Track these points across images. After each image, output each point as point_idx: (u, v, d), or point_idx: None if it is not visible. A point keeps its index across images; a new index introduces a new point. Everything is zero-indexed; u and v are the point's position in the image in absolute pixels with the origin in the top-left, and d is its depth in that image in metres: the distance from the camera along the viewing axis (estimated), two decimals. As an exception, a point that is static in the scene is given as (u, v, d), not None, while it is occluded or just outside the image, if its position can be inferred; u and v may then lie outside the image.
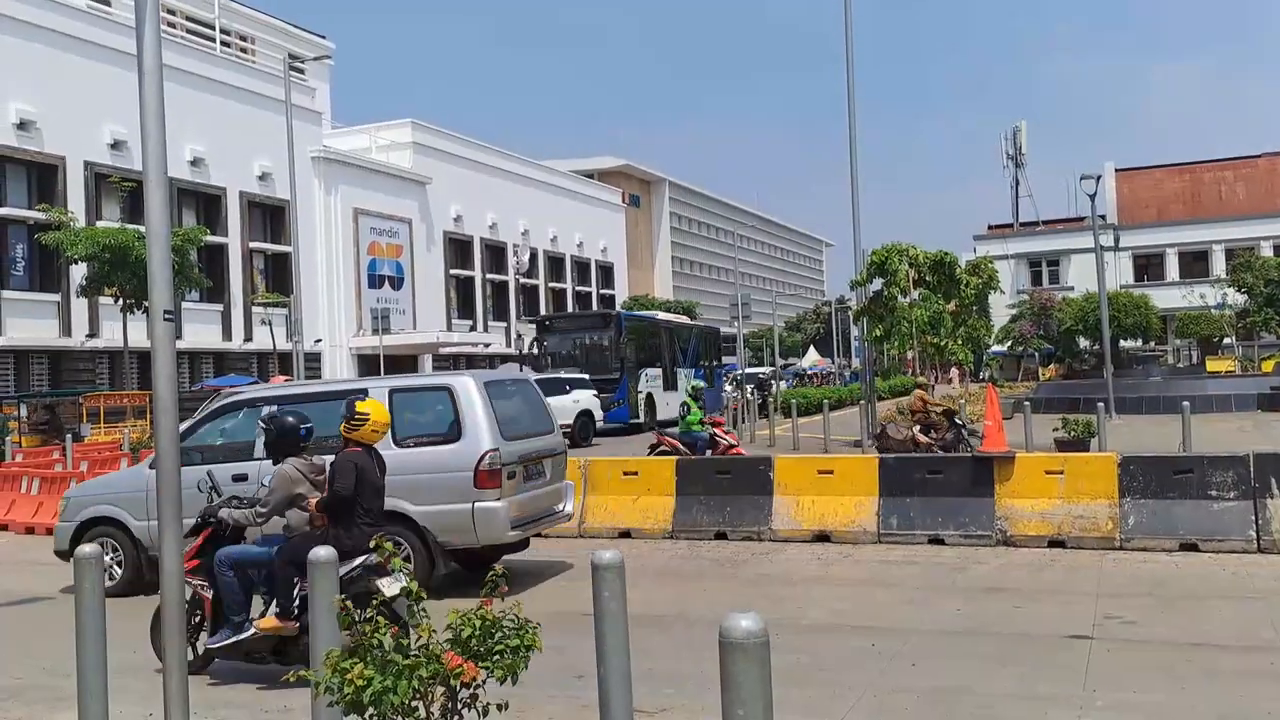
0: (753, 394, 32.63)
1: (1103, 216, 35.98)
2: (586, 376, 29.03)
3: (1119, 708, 5.18)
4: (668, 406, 29.66)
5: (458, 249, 50.66)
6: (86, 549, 4.51)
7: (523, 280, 54.09)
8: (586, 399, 26.23)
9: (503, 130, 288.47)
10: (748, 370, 42.35)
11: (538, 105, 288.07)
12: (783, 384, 41.03)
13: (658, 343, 31.34)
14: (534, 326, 32.37)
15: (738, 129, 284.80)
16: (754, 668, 2.48)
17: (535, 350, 29.48)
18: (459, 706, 3.47)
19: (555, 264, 58.59)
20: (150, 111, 3.81)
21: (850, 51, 21.35)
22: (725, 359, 40.28)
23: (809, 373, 60.60)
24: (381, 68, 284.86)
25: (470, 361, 50.11)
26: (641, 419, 28.07)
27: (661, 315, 37.99)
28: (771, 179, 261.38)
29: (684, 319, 38.34)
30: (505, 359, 47.75)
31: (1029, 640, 6.55)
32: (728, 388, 36.73)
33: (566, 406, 24.55)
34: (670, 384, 30.88)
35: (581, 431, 24.83)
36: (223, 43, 42.15)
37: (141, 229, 28.49)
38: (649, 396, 29.05)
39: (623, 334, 28.37)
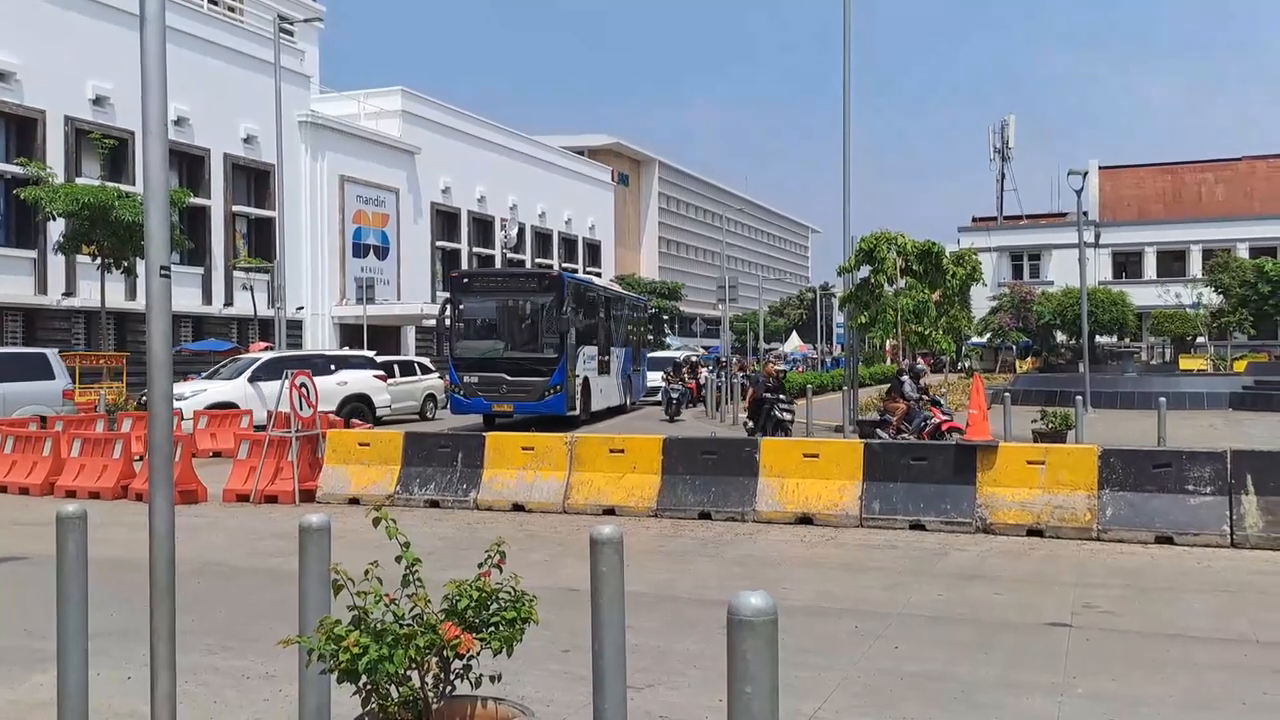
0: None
1: (1085, 213, 36.17)
2: (372, 354, 23.40)
3: (1098, 696, 5.23)
4: (601, 394, 24.79)
5: (445, 221, 50.35)
6: (69, 509, 4.44)
7: (510, 255, 53.85)
8: (360, 381, 21.93)
9: (493, 103, 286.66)
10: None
11: (529, 79, 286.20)
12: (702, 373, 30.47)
13: (598, 315, 25.41)
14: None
15: (728, 113, 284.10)
16: (762, 646, 2.48)
17: (447, 316, 22.46)
18: (451, 677, 3.45)
19: (543, 240, 58.36)
20: (152, 62, 3.72)
21: (848, 39, 21.27)
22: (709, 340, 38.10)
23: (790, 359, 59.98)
24: (373, 35, 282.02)
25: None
26: (578, 410, 22.58)
27: (599, 281, 31.46)
28: (760, 164, 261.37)
29: (617, 287, 31.80)
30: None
31: (1009, 627, 6.60)
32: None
33: (330, 390, 20.14)
34: (605, 367, 25.35)
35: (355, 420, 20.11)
36: (210, 0, 41.52)
37: (122, 187, 27.94)
38: (585, 382, 23.39)
39: (565, 301, 21.93)
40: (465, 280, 23.82)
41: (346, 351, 25.05)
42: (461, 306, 22.64)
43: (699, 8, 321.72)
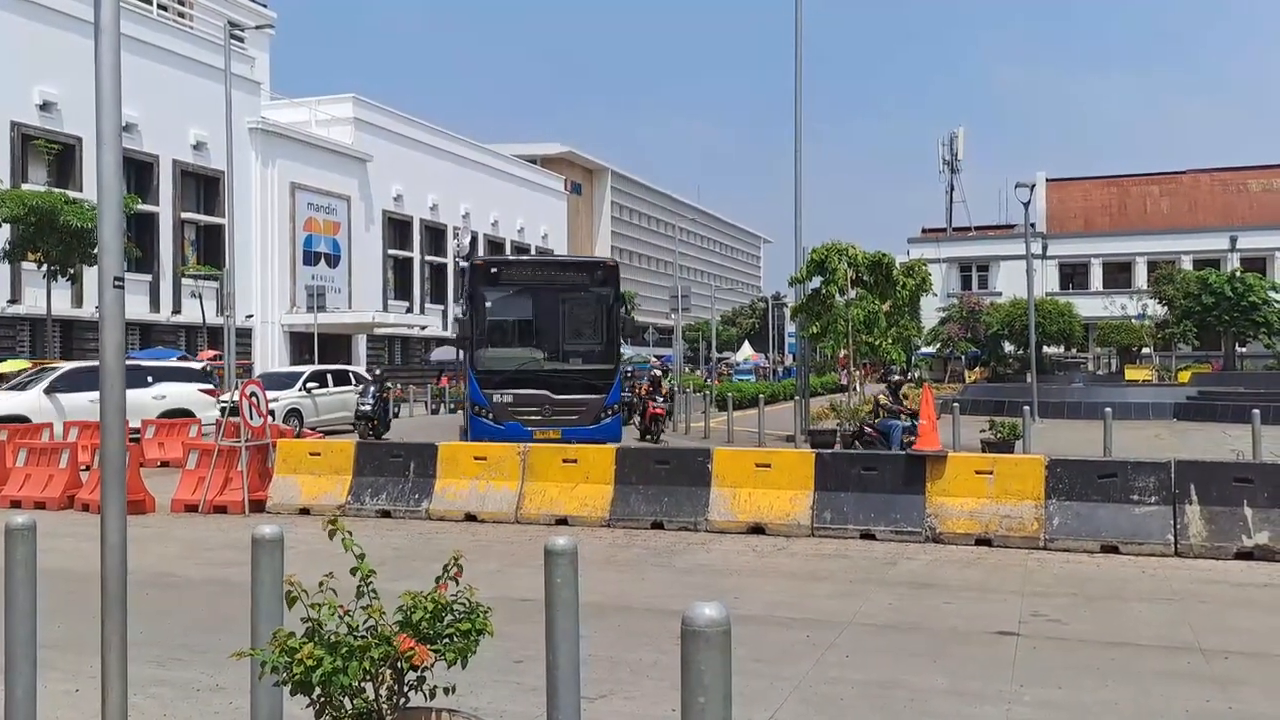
0: None
1: (1032, 225, 36.89)
2: (198, 365, 20.68)
3: (1046, 705, 5.34)
4: None
5: (397, 229, 49.99)
6: (19, 520, 4.37)
7: (462, 263, 53.58)
8: (181, 396, 19.54)
9: (446, 111, 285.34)
10: None
11: (482, 88, 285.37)
12: None
13: None
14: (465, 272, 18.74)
15: (680, 122, 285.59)
16: (716, 656, 2.52)
17: (465, 313, 17.84)
18: (405, 689, 3.45)
19: (496, 248, 58.14)
20: (106, 71, 3.69)
21: (799, 52, 21.54)
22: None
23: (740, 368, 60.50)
24: (325, 42, 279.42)
25: (405, 343, 49.41)
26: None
27: None
28: (712, 173, 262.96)
29: None
30: (441, 341, 47.30)
31: (958, 636, 6.71)
32: None
33: (145, 404, 18.58)
34: None
35: None
36: (160, 6, 40.90)
37: (70, 193, 27.35)
38: None
39: (619, 299, 17.67)
40: (494, 271, 18.08)
41: (172, 363, 22.82)
42: (489, 304, 17.35)
43: (652, 19, 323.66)
